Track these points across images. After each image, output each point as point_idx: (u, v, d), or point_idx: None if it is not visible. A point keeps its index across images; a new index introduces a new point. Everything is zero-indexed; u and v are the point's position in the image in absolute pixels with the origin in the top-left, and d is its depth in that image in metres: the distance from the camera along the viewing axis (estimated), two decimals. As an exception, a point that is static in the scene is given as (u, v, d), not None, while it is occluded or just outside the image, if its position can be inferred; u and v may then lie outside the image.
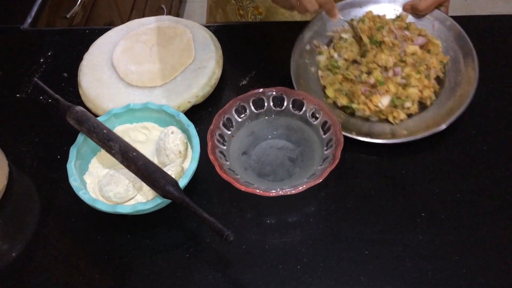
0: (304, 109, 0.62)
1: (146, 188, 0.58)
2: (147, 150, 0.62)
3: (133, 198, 0.59)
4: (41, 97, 0.71)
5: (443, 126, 0.61)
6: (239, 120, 0.63)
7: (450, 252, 0.54)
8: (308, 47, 0.71)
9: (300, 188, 0.54)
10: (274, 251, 0.56)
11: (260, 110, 0.64)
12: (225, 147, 0.61)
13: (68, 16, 0.95)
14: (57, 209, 0.61)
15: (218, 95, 0.70)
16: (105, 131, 0.57)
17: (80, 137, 0.60)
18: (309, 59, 0.70)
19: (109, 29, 0.76)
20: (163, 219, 0.59)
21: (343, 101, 0.65)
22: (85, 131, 0.58)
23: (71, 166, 0.57)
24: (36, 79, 0.70)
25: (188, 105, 0.67)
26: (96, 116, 0.63)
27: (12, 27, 0.83)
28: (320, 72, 0.68)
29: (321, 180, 0.55)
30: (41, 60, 0.77)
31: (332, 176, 0.59)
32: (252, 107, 0.63)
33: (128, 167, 0.56)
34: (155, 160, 0.61)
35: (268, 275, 0.54)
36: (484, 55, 0.68)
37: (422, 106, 0.65)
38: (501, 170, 0.61)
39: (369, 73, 0.65)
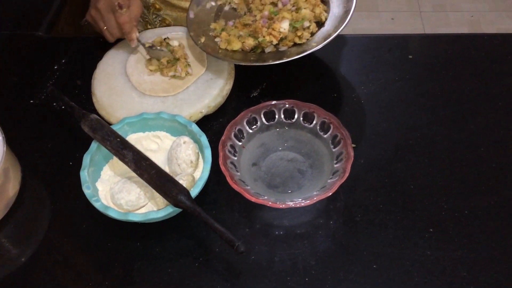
0: (314, 122, 0.63)
1: (157, 196, 0.59)
2: (158, 159, 0.63)
3: (144, 206, 0.59)
4: (54, 104, 0.72)
5: (337, 32, 0.64)
6: (250, 131, 0.64)
7: (459, 268, 0.54)
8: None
9: (310, 201, 0.55)
10: (283, 263, 0.56)
11: (271, 122, 0.64)
12: (236, 158, 0.61)
13: (81, 24, 0.96)
14: (68, 215, 0.62)
15: (229, 106, 0.71)
16: (118, 139, 0.58)
17: (94, 145, 0.61)
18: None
19: (123, 38, 0.77)
20: (173, 228, 0.59)
21: (250, 41, 0.68)
22: (99, 139, 0.59)
23: (84, 174, 0.58)
24: (52, 86, 0.71)
25: (200, 115, 0.67)
26: (109, 124, 0.64)
27: (27, 34, 0.84)
28: (217, 39, 0.71)
29: (330, 194, 0.55)
30: (55, 67, 0.78)
31: (341, 190, 0.60)
32: (263, 119, 0.64)
33: (140, 175, 0.57)
34: (166, 169, 0.62)
35: (276, 287, 0.54)
36: (491, 73, 0.69)
37: (320, 24, 0.70)
38: (510, 187, 0.61)
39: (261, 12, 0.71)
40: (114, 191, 0.58)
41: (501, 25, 1.93)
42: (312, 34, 0.69)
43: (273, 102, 0.64)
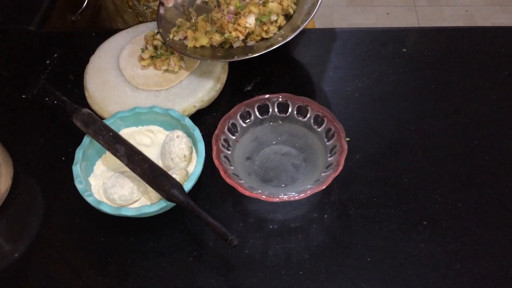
0: (308, 115, 0.63)
1: (150, 191, 0.58)
2: (152, 154, 0.62)
3: (137, 200, 0.59)
4: (47, 99, 0.72)
5: (304, 24, 0.63)
6: (244, 125, 0.63)
7: (452, 261, 0.55)
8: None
9: (303, 195, 0.55)
10: (277, 257, 0.56)
11: (265, 116, 0.64)
12: (229, 152, 0.61)
13: (74, 19, 0.95)
14: (61, 210, 0.61)
15: (223, 100, 0.71)
16: (111, 133, 0.58)
17: (86, 139, 0.60)
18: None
19: (116, 32, 0.77)
20: (167, 222, 0.59)
21: (216, 37, 0.67)
22: (92, 133, 0.58)
23: (77, 168, 0.57)
24: (43, 81, 0.71)
25: (193, 109, 0.67)
26: (102, 118, 0.63)
27: (19, 28, 0.84)
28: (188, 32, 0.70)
29: (324, 187, 0.55)
30: (47, 62, 0.77)
31: (335, 183, 0.60)
32: (257, 113, 0.64)
33: (133, 170, 0.56)
34: (160, 164, 0.61)
35: (270, 280, 0.54)
36: (485, 66, 0.69)
37: (288, 17, 0.69)
38: (502, 180, 0.61)
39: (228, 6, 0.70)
40: (107, 185, 0.58)
41: (496, 20, 1.93)
42: (280, 27, 0.68)
43: (267, 96, 0.63)
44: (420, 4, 2.00)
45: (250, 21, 0.66)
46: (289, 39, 0.63)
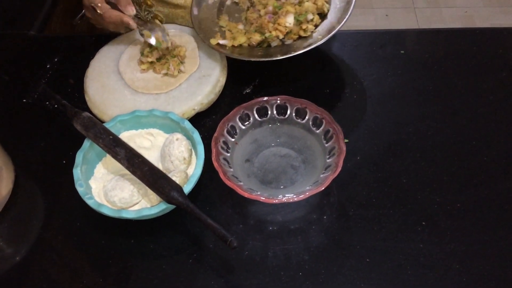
0: (306, 117, 0.63)
1: (150, 193, 0.59)
2: (152, 156, 0.63)
3: (137, 203, 0.59)
4: (47, 103, 0.72)
5: (341, 23, 0.66)
6: (243, 127, 0.64)
7: (451, 261, 0.55)
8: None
9: (302, 196, 0.55)
10: (276, 258, 0.56)
11: (264, 118, 0.64)
12: (228, 154, 0.61)
13: (74, 23, 0.96)
14: (62, 213, 0.62)
15: (222, 102, 0.71)
16: (111, 137, 0.58)
17: (86, 143, 0.61)
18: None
19: (116, 36, 0.77)
20: (167, 224, 0.59)
21: (256, 37, 0.69)
22: (92, 136, 0.59)
23: (77, 171, 0.58)
24: (44, 85, 0.71)
25: (193, 112, 0.67)
26: (102, 122, 0.64)
27: (19, 33, 0.84)
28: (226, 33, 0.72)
29: (323, 188, 0.55)
30: (48, 66, 0.78)
31: (334, 184, 0.60)
32: (256, 115, 0.64)
33: (133, 173, 0.57)
34: (159, 166, 0.62)
35: (270, 282, 0.55)
36: (484, 68, 0.69)
37: (323, 16, 0.71)
38: (501, 181, 0.61)
39: (265, 7, 0.72)
40: (107, 188, 0.58)
41: (495, 21, 1.94)
42: (316, 26, 0.70)
43: (266, 98, 0.64)
44: (419, 6, 2.00)
45: (289, 20, 0.68)
46: (329, 36, 0.65)
